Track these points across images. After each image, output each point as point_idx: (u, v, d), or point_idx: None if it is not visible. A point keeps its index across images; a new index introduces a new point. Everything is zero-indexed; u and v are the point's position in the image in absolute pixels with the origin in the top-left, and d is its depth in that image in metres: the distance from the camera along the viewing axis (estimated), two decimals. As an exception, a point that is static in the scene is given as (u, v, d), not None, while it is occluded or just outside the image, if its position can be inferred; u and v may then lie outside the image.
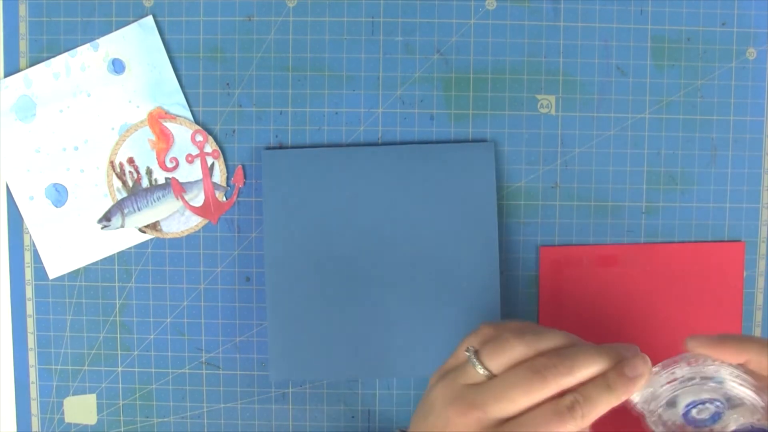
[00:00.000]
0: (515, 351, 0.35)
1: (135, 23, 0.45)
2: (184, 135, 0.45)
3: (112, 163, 0.45)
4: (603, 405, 0.34)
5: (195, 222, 0.46)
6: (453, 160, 0.44)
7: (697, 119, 0.46)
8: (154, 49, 0.45)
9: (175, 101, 0.45)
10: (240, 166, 0.45)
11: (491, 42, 0.45)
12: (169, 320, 0.46)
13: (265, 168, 0.44)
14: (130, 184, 0.45)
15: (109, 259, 0.46)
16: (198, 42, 0.45)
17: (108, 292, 0.46)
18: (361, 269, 0.44)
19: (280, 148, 0.45)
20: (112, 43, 0.45)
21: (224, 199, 0.46)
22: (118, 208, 0.45)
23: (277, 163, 0.44)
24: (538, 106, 0.46)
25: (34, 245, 0.46)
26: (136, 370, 0.47)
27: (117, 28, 0.45)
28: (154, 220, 0.46)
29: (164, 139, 0.45)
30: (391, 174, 0.44)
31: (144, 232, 0.46)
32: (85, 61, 0.45)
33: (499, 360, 0.35)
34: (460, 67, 0.45)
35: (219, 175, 0.46)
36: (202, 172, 0.46)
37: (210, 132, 0.45)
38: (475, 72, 0.45)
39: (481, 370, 0.35)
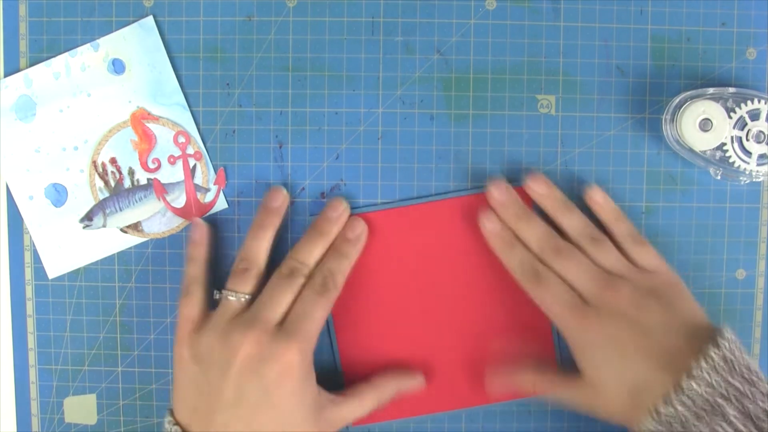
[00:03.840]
0: (255, 270, 0.41)
1: (135, 23, 0.45)
2: (166, 136, 0.45)
3: (94, 162, 0.45)
4: (344, 267, 0.42)
5: (176, 223, 0.46)
6: None
7: (697, 119, 0.46)
8: (154, 49, 0.45)
9: (175, 101, 0.45)
10: (222, 168, 0.45)
11: (491, 42, 0.45)
12: (169, 320, 0.46)
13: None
14: (112, 184, 0.45)
15: (109, 259, 0.46)
16: (198, 42, 0.45)
17: (108, 292, 0.46)
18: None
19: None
20: (112, 43, 0.45)
21: (206, 200, 0.46)
22: (100, 208, 0.45)
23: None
24: (538, 106, 0.46)
25: (33, 245, 0.46)
26: (136, 370, 0.47)
27: (117, 28, 0.45)
28: (135, 221, 0.46)
29: (147, 140, 0.45)
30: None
31: (126, 232, 0.46)
32: (85, 61, 0.45)
33: (249, 283, 0.41)
34: (460, 67, 0.45)
35: (201, 177, 0.46)
36: (184, 174, 0.45)
37: (210, 132, 0.45)
38: (475, 72, 0.45)
39: (242, 297, 0.40)
